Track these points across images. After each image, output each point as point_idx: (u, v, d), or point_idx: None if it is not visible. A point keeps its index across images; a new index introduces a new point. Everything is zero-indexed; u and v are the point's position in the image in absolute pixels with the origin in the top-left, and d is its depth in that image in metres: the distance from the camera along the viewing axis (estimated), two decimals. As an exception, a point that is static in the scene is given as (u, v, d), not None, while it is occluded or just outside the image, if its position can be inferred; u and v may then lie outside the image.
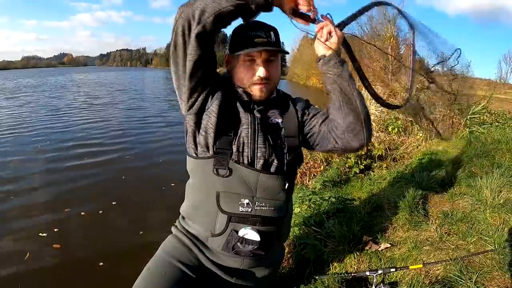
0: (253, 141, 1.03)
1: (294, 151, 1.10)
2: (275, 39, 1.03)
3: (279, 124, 1.10)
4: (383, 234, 2.00)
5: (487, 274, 1.48)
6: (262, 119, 1.07)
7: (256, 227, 1.04)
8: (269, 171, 1.05)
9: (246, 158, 1.03)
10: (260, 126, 1.05)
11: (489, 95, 5.23)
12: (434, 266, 1.58)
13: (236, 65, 1.06)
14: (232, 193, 1.03)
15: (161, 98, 15.81)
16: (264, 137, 1.05)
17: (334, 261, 1.81)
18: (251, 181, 1.04)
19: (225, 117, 1.02)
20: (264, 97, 1.06)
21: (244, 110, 1.05)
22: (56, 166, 4.96)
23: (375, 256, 1.77)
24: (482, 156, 3.05)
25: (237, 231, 1.04)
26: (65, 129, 7.57)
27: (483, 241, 1.75)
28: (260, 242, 1.04)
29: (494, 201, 2.11)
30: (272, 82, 1.06)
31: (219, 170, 1.03)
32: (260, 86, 1.04)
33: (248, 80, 1.04)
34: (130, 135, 7.13)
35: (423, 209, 2.15)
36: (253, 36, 0.99)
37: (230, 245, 1.05)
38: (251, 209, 1.04)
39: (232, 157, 1.03)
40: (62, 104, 11.90)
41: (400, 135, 4.80)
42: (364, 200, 2.69)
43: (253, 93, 1.05)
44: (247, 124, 1.04)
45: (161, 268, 1.07)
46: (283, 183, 1.07)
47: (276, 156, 1.06)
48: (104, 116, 9.46)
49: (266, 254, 1.10)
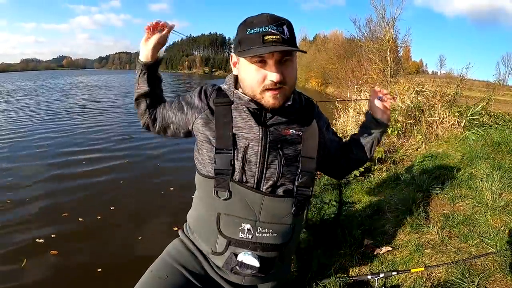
0: (263, 160, 0.93)
1: (308, 174, 0.98)
2: (289, 34, 0.87)
3: (298, 137, 0.98)
4: (384, 237, 1.99)
5: (489, 277, 1.47)
6: (276, 132, 0.95)
7: (257, 252, 0.97)
8: (276, 193, 0.96)
9: (252, 178, 0.94)
10: (272, 142, 0.94)
11: (488, 96, 5.24)
12: (436, 269, 1.57)
13: (243, 67, 0.91)
14: (233, 215, 0.96)
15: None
16: (276, 156, 0.94)
17: (336, 265, 1.80)
18: (254, 204, 0.95)
19: (222, 132, 0.95)
20: (278, 105, 0.92)
21: (253, 122, 0.94)
22: (53, 171, 4.92)
23: (376, 260, 1.77)
24: (482, 158, 3.04)
25: (236, 255, 0.98)
26: (63, 133, 7.53)
27: (485, 243, 1.74)
28: (259, 267, 0.98)
29: (495, 203, 2.10)
30: (287, 86, 0.91)
31: (219, 192, 0.95)
32: (274, 93, 0.89)
33: (259, 86, 0.89)
34: (129, 140, 7.10)
35: (424, 212, 2.15)
36: (263, 33, 0.84)
37: (229, 266, 1.00)
38: (252, 236, 0.96)
39: (234, 177, 0.94)
40: (61, 108, 11.88)
41: (400, 138, 4.79)
42: (364, 203, 2.68)
43: (265, 100, 0.91)
44: (256, 141, 0.93)
45: (164, 272, 1.04)
46: (290, 207, 0.97)
47: (287, 177, 0.96)
48: (102, 121, 9.43)
49: (267, 275, 1.05)
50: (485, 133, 4.07)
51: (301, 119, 1.00)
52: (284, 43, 0.85)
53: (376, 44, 9.86)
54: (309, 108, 1.05)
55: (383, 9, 10.06)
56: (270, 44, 0.84)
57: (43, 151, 5.97)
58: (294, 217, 0.99)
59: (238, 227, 0.96)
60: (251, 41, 0.85)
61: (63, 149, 6.13)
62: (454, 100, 5.13)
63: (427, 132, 4.64)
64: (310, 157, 0.98)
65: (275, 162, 0.94)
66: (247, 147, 0.93)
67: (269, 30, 0.84)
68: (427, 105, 5.00)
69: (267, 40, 0.84)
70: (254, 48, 0.84)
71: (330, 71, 20.62)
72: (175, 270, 1.06)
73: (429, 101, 5.06)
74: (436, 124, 4.70)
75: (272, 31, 0.84)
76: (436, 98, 5.09)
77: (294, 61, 0.92)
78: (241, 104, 0.96)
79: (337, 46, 24.33)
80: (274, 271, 1.04)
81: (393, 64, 9.61)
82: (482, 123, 4.69)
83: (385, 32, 9.93)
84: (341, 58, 18.23)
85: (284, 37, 0.85)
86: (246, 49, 0.86)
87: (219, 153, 0.94)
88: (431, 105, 4.98)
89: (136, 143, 6.86)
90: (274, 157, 0.94)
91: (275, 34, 0.84)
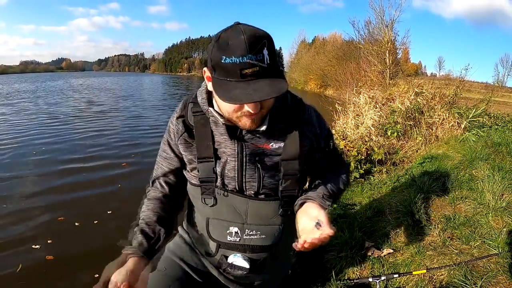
0: (241, 175, 0.93)
1: (293, 176, 0.96)
2: (269, 59, 0.76)
3: (279, 148, 0.94)
4: (385, 240, 1.98)
5: (492, 279, 1.46)
6: (253, 146, 0.92)
7: (246, 254, 0.99)
8: (259, 198, 0.96)
9: (233, 188, 0.95)
10: (249, 156, 0.92)
11: (488, 98, 5.25)
12: (438, 271, 1.56)
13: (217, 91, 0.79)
14: (221, 219, 0.97)
15: (159, 105, 15.78)
16: (254, 169, 0.93)
17: (336, 267, 1.78)
18: (240, 208, 0.95)
19: (202, 142, 0.93)
20: (255, 127, 0.87)
21: (229, 136, 0.91)
22: (49, 175, 4.83)
23: (377, 262, 1.75)
24: (482, 159, 3.04)
25: (227, 257, 1.00)
26: (62, 138, 7.29)
27: (487, 245, 1.73)
28: (250, 268, 0.99)
29: (496, 205, 2.09)
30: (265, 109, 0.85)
31: (206, 199, 0.97)
32: (251, 118, 0.84)
33: (235, 113, 0.83)
34: (127, 143, 7.03)
35: (425, 213, 2.13)
36: (240, 65, 0.73)
37: (222, 267, 1.02)
38: (240, 238, 0.97)
39: (217, 185, 0.95)
40: (61, 111, 11.73)
41: (400, 139, 4.79)
42: (364, 205, 2.67)
43: (242, 124, 0.85)
44: (233, 156, 0.92)
45: (163, 265, 1.06)
46: (277, 208, 0.97)
47: (270, 184, 0.95)
48: (99, 124, 9.28)
49: (260, 275, 1.05)
50: (485, 134, 4.08)
51: (284, 129, 0.94)
52: (264, 72, 0.75)
53: (375, 46, 9.87)
54: (296, 114, 0.97)
55: (382, 11, 10.10)
56: (249, 78, 0.74)
57: (39, 154, 5.88)
58: (282, 218, 0.99)
59: (226, 231, 0.97)
60: (227, 72, 0.75)
61: (62, 156, 5.93)
62: (453, 101, 5.13)
63: (427, 134, 4.64)
64: (292, 158, 0.94)
65: (254, 175, 0.93)
66: (225, 162, 0.93)
67: (247, 61, 0.73)
68: (427, 107, 5.00)
69: (246, 74, 0.74)
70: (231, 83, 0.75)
71: (329, 73, 20.65)
72: (173, 263, 1.07)
73: (429, 103, 5.06)
74: (436, 126, 4.70)
75: (250, 62, 0.73)
76: (435, 99, 5.09)
77: None
78: (217, 120, 0.92)
79: (336, 48, 24.41)
80: (267, 270, 1.05)
81: (392, 66, 9.62)
82: (482, 124, 4.69)
83: (384, 34, 9.95)
84: (340, 60, 18.29)
85: (264, 66, 0.75)
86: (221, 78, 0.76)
87: (201, 162, 0.94)
88: (431, 107, 4.99)
89: (134, 145, 6.81)
90: (252, 170, 0.93)
91: (254, 65, 0.73)
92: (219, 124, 0.92)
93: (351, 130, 5.30)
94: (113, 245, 2.97)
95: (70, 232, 3.25)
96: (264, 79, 0.75)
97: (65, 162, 5.51)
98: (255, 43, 0.73)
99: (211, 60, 0.78)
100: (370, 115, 5.27)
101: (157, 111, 13.10)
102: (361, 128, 5.15)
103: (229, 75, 0.75)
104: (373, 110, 5.40)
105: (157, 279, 1.00)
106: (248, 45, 0.72)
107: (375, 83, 8.64)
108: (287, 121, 0.94)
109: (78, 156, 5.89)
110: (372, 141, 4.61)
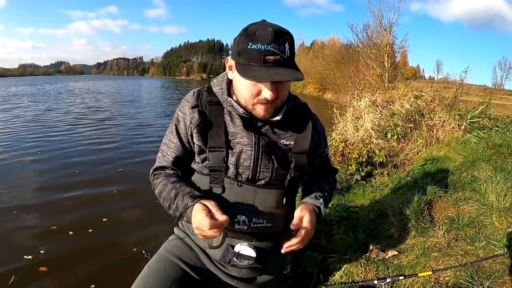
0: (256, 164, 0.97)
1: (301, 169, 1.03)
2: (289, 52, 0.86)
3: (288, 145, 1.02)
4: (389, 242, 1.97)
5: (498, 279, 1.45)
6: (268, 139, 0.99)
7: (253, 243, 1.02)
8: (267, 187, 1.00)
9: (246, 178, 0.98)
10: (265, 147, 0.97)
11: (488, 100, 5.26)
12: (443, 272, 1.54)
13: (239, 78, 0.91)
14: (228, 208, 0.97)
15: (156, 106, 15.75)
16: (269, 160, 0.98)
17: (340, 270, 1.77)
18: (248, 196, 0.99)
19: (215, 131, 0.98)
20: (268, 117, 0.96)
21: (246, 128, 0.97)
22: (42, 183, 4.65)
23: (382, 264, 1.73)
24: (484, 160, 3.04)
25: (233, 247, 1.02)
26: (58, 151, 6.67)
27: (492, 245, 1.72)
28: (256, 257, 1.02)
29: (499, 205, 2.08)
30: (279, 100, 0.94)
31: (213, 188, 1.00)
32: (266, 106, 0.92)
33: (252, 99, 0.91)
34: (122, 146, 6.94)
35: (429, 215, 2.13)
36: (264, 52, 0.83)
37: (226, 258, 1.03)
38: (247, 226, 0.99)
39: (228, 174, 0.98)
40: (62, 118, 11.53)
41: (400, 142, 4.79)
42: (367, 207, 2.65)
43: (256, 112, 0.94)
44: (250, 145, 0.96)
45: (161, 265, 1.06)
46: (282, 197, 1.02)
47: (280, 175, 1.01)
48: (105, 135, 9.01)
49: (264, 266, 1.07)
50: (486, 135, 4.08)
51: (295, 124, 1.03)
52: (284, 62, 0.85)
53: (374, 50, 9.90)
54: (304, 113, 1.07)
55: (380, 14, 10.14)
56: (271, 65, 0.83)
57: (32, 166, 5.57)
58: (285, 206, 1.04)
59: (234, 219, 0.98)
60: (251, 57, 0.84)
61: (55, 163, 5.66)
62: (453, 103, 5.15)
63: (428, 136, 4.64)
64: (302, 152, 1.02)
65: (268, 166, 0.98)
66: (241, 152, 0.96)
67: (271, 49, 0.83)
68: (427, 109, 5.01)
69: (268, 60, 0.83)
70: (254, 67, 0.84)
71: (328, 77, 20.72)
72: (172, 263, 1.07)
73: (429, 105, 5.07)
74: (436, 128, 4.71)
75: (274, 50, 0.83)
76: (435, 102, 5.10)
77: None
78: (234, 111, 0.98)
79: (335, 52, 24.52)
80: (270, 262, 1.08)
81: (391, 69, 9.65)
82: (482, 126, 4.70)
83: (382, 37, 9.99)
84: (339, 64, 18.35)
85: (285, 57, 0.85)
86: (245, 63, 0.85)
87: (212, 151, 0.97)
88: (431, 109, 4.99)
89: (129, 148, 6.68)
90: (267, 161, 0.98)
91: (277, 54, 0.83)
92: (235, 116, 0.98)
93: (351, 133, 5.31)
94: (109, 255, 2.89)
95: (64, 242, 3.12)
96: (283, 68, 0.84)
97: (57, 170, 5.29)
98: (280, 35, 0.84)
99: (238, 45, 0.88)
100: (370, 118, 5.27)
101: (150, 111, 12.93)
102: (361, 131, 5.15)
103: (253, 60, 0.84)
104: (373, 113, 5.41)
105: (157, 280, 1.00)
106: (274, 36, 0.83)
107: (374, 86, 8.67)
108: (297, 122, 1.02)
109: (71, 163, 5.65)
110: (372, 143, 4.61)
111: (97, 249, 3.00)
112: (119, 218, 3.62)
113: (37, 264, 2.74)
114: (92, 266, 2.74)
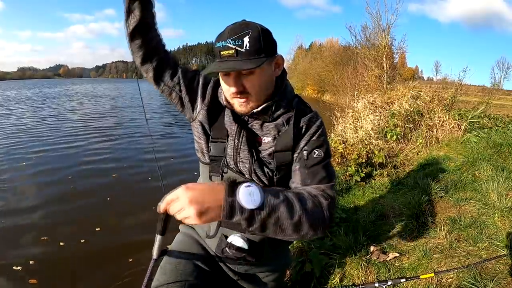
0: (236, 154, 0.99)
1: (286, 166, 0.98)
2: (249, 45, 0.85)
3: (268, 143, 0.99)
4: (390, 243, 1.94)
5: (502, 280, 1.42)
6: (250, 133, 1.00)
7: (245, 235, 1.02)
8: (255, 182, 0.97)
9: (233, 167, 1.01)
10: (245, 138, 0.99)
11: (487, 100, 5.24)
12: (446, 274, 1.51)
13: (219, 76, 0.97)
14: None
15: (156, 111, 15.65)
16: (248, 151, 0.98)
17: (341, 273, 1.74)
18: None
19: (217, 123, 1.02)
20: (246, 112, 0.96)
21: (233, 120, 1.00)
22: (32, 191, 4.40)
23: (383, 267, 1.70)
24: (484, 160, 3.01)
25: (227, 237, 1.04)
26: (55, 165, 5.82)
27: (495, 246, 1.69)
28: (248, 250, 1.02)
29: (501, 205, 2.05)
30: (252, 94, 0.92)
31: (213, 177, 1.03)
32: (240, 101, 0.93)
33: (228, 94, 0.94)
34: (115, 149, 6.74)
35: (430, 216, 2.10)
36: (219, 49, 0.87)
37: (220, 248, 1.05)
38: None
39: (224, 163, 1.02)
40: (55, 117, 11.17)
41: (399, 142, 4.76)
42: (367, 208, 2.62)
43: (235, 107, 0.96)
44: (231, 136, 1.00)
45: (172, 261, 1.08)
46: None
47: (263, 173, 0.99)
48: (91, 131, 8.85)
49: (258, 261, 1.07)
50: (486, 135, 4.06)
51: (280, 126, 0.99)
52: (241, 55, 0.85)
53: (372, 51, 9.88)
54: (297, 116, 0.98)
55: (378, 15, 10.10)
56: (225, 59, 0.86)
57: (22, 173, 5.21)
58: None
59: None
60: (215, 54, 0.90)
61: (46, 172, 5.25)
62: (452, 103, 5.13)
63: (428, 136, 4.61)
64: (285, 150, 0.98)
65: (247, 156, 0.99)
66: (227, 141, 1.01)
67: (225, 45, 0.86)
68: (426, 109, 4.99)
69: (223, 56, 0.87)
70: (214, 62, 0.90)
71: (327, 78, 20.72)
72: (183, 259, 1.09)
73: (428, 105, 5.05)
74: (436, 128, 4.68)
75: (228, 45, 0.85)
76: (434, 102, 5.08)
77: (260, 71, 0.89)
78: (227, 106, 1.02)
79: (333, 53, 24.53)
80: (265, 259, 1.07)
81: (389, 71, 9.64)
82: (482, 126, 4.67)
83: (380, 38, 9.97)
84: (337, 66, 18.33)
85: (241, 50, 0.85)
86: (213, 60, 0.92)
87: (215, 142, 1.02)
88: (430, 109, 4.97)
89: (124, 153, 6.46)
90: (246, 152, 0.98)
91: (230, 48, 0.85)
92: (227, 110, 1.02)
93: (350, 134, 5.28)
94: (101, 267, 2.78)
95: (55, 252, 2.97)
96: (236, 60, 0.85)
97: (48, 177, 5.00)
98: (236, 31, 0.86)
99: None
100: (369, 118, 5.25)
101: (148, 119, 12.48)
102: (360, 132, 5.13)
103: (216, 57, 0.90)
104: (372, 114, 5.39)
105: (170, 275, 1.02)
106: (228, 32, 0.86)
107: (373, 87, 8.65)
108: (286, 120, 0.99)
109: (63, 171, 5.33)
110: (372, 144, 4.59)
111: (90, 260, 2.85)
112: (113, 227, 3.46)
113: (26, 275, 2.63)
114: (85, 278, 2.62)
